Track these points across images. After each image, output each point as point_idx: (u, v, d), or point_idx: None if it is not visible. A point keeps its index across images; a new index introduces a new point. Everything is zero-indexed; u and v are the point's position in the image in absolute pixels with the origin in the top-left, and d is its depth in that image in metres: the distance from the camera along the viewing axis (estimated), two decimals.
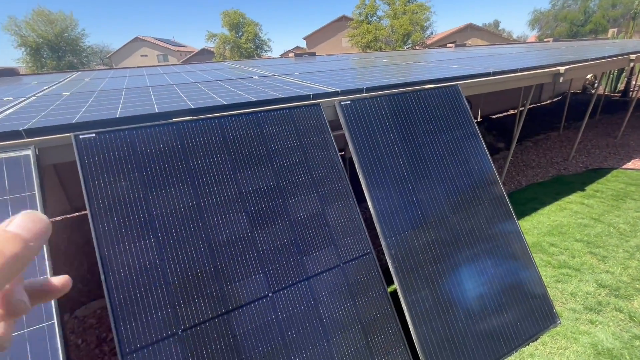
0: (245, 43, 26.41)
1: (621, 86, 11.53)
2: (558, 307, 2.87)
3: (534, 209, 4.55)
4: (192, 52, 38.32)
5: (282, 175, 2.16)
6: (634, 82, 10.60)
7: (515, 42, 22.27)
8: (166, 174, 1.87)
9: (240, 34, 26.85)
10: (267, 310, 1.87)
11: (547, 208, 4.56)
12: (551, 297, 2.93)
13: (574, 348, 2.47)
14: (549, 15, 34.16)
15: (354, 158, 2.48)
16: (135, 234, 1.73)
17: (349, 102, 2.59)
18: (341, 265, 2.14)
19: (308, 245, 2.09)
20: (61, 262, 3.99)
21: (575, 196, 4.83)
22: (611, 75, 11.35)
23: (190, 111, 2.15)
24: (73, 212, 5.14)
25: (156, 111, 2.09)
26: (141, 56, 37.65)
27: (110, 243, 1.67)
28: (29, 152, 1.70)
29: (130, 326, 1.61)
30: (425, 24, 24.38)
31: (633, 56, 5.29)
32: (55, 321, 1.53)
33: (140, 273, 1.69)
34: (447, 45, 10.70)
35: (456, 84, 3.07)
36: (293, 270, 2.01)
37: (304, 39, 36.03)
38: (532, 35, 38.99)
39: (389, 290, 2.28)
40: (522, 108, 4.68)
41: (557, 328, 2.65)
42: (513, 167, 6.07)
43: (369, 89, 2.78)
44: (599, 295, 2.97)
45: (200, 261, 1.81)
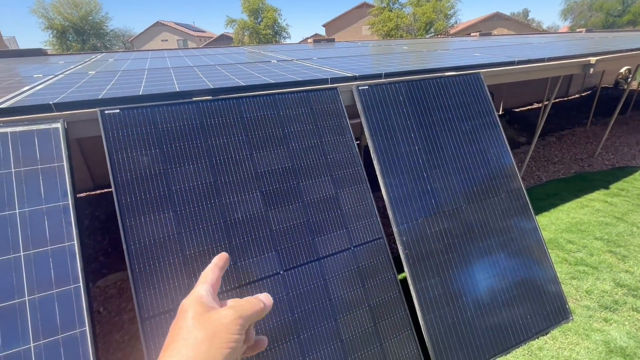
0: (264, 29, 26.25)
1: None
2: (572, 304, 2.82)
3: (553, 205, 4.43)
4: (212, 38, 38.48)
5: (297, 157, 2.18)
6: None
7: (545, 33, 21.24)
8: (185, 151, 1.92)
9: (259, 20, 26.68)
10: (278, 287, 1.93)
11: (567, 205, 4.43)
12: (565, 294, 2.88)
13: (585, 344, 2.43)
14: (583, 4, 32.25)
15: (369, 144, 2.48)
16: (155, 207, 1.80)
17: (367, 87, 2.57)
18: (352, 248, 2.17)
19: (320, 227, 2.13)
20: (85, 236, 4.19)
21: (598, 194, 4.66)
22: None
23: (209, 91, 2.19)
24: (96, 190, 5.37)
25: (177, 90, 2.14)
26: (162, 41, 38.12)
27: (132, 214, 1.75)
28: (59, 125, 1.78)
29: (149, 293, 1.70)
30: (449, 12, 23.53)
31: None
32: (80, 284, 1.63)
33: (159, 244, 1.77)
34: (471, 34, 10.32)
35: (478, 72, 2.98)
36: (305, 250, 2.05)
37: (323, 26, 35.49)
38: (564, 26, 37.01)
39: (400, 278, 2.30)
40: (548, 101, 4.50)
41: (569, 324, 2.61)
42: (534, 162, 5.90)
43: (388, 75, 2.74)
44: (616, 294, 2.89)
45: (215, 236, 1.87)
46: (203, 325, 0.41)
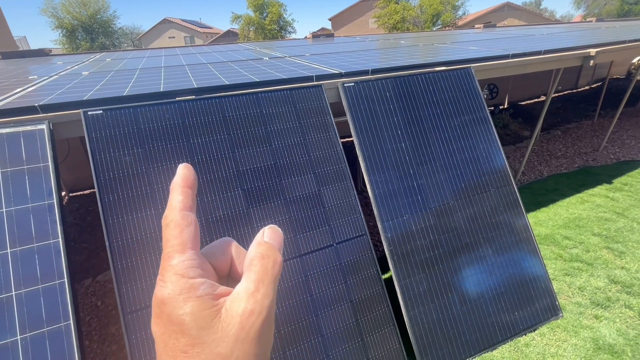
0: (269, 24, 26.15)
1: None
2: (563, 301, 2.80)
3: (553, 201, 4.36)
4: (218, 34, 38.55)
5: (280, 155, 2.21)
6: None
7: (556, 23, 20.63)
8: (167, 151, 1.97)
9: (264, 15, 26.58)
10: None
11: (567, 200, 4.36)
12: (557, 290, 2.86)
13: (573, 341, 2.42)
14: None
15: (355, 140, 2.48)
16: (137, 205, 1.85)
17: (352, 84, 2.56)
18: (334, 245, 2.19)
19: (302, 224, 2.15)
20: (87, 232, 4.32)
21: (600, 189, 4.57)
22: None
23: (193, 91, 2.22)
24: None
25: (160, 90, 2.17)
26: (169, 38, 38.36)
27: (114, 212, 1.81)
28: (44, 127, 1.84)
29: (132, 288, 1.76)
30: (457, 3, 23.02)
31: None
32: (65, 280, 1.70)
33: (142, 241, 1.82)
34: (476, 26, 10.11)
35: (469, 67, 2.94)
36: (286, 247, 2.08)
37: (330, 20, 35.17)
38: (578, 14, 35.86)
39: (386, 276, 2.31)
40: (550, 95, 4.39)
41: (559, 321, 2.59)
42: (536, 157, 5.79)
43: (375, 71, 2.73)
44: (609, 291, 2.85)
45: None
46: (227, 347, 0.25)
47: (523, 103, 9.11)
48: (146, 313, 1.74)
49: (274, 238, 0.33)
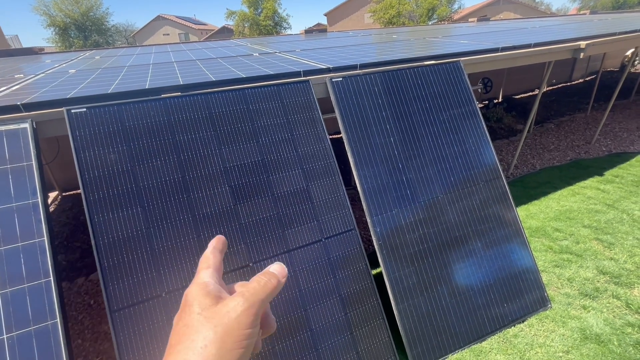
0: (264, 20, 25.97)
1: None
2: (552, 292, 2.83)
3: (544, 193, 4.39)
4: (213, 30, 38.21)
5: (267, 151, 2.20)
6: None
7: (551, 16, 20.60)
8: (153, 148, 1.96)
9: (259, 11, 26.38)
10: (247, 279, 1.97)
11: (559, 192, 4.39)
12: (546, 282, 2.89)
13: (561, 331, 2.45)
14: None
15: (343, 136, 2.48)
16: (123, 203, 1.85)
17: (340, 79, 2.56)
18: (323, 240, 2.20)
19: (291, 219, 2.16)
20: (79, 231, 4.31)
21: (591, 181, 4.60)
22: None
23: (178, 87, 2.21)
24: None
25: (146, 87, 2.16)
26: (163, 35, 37.98)
27: (100, 211, 1.80)
28: (27, 125, 1.83)
29: (118, 286, 1.76)
30: None
31: None
32: (51, 278, 1.70)
33: (128, 239, 1.82)
34: (469, 19, 10.08)
35: (458, 61, 2.94)
36: (274, 243, 2.09)
37: (325, 15, 34.94)
38: (573, 7, 35.81)
39: (376, 272, 2.33)
40: (545, 88, 4.40)
41: (547, 312, 2.62)
42: (529, 150, 5.82)
43: (363, 66, 2.73)
44: (598, 281, 2.88)
45: (184, 231, 1.92)
46: (211, 321, 0.36)
47: (517, 97, 9.12)
48: (133, 310, 1.75)
49: (278, 270, 0.45)
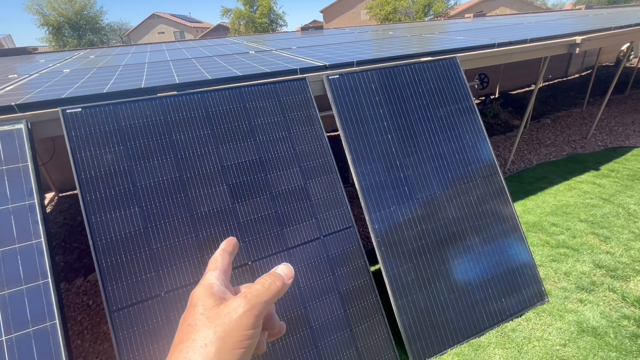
0: (259, 18, 25.83)
1: None
2: (549, 286, 2.85)
3: (541, 189, 4.42)
4: (208, 28, 37.96)
5: (265, 149, 2.20)
6: None
7: (547, 11, 20.61)
8: (149, 148, 1.95)
9: (255, 9, 26.22)
10: (246, 277, 1.98)
11: (555, 187, 4.41)
12: (543, 276, 2.91)
13: (558, 325, 2.47)
14: None
15: (341, 133, 2.48)
16: (120, 203, 1.84)
17: (337, 77, 2.55)
18: (321, 237, 2.20)
19: (289, 217, 2.16)
20: (77, 232, 4.29)
21: (587, 176, 4.63)
22: None
23: (174, 86, 2.20)
24: None
25: (142, 86, 2.15)
26: (158, 33, 37.70)
27: (97, 211, 1.80)
28: (22, 126, 1.82)
29: (116, 287, 1.76)
30: None
31: None
32: (49, 280, 1.69)
33: (126, 239, 1.82)
34: (465, 15, 10.07)
35: (454, 57, 2.94)
36: (273, 241, 2.09)
37: (321, 12, 34.80)
38: (569, 3, 35.85)
39: (374, 269, 2.33)
40: (541, 83, 4.41)
41: (544, 306, 2.65)
42: (525, 145, 5.84)
43: (360, 63, 2.72)
44: (594, 275, 2.91)
45: (181, 230, 1.91)
46: (213, 322, 0.37)
47: (514, 92, 9.15)
48: (132, 310, 1.75)
49: (285, 271, 0.46)
